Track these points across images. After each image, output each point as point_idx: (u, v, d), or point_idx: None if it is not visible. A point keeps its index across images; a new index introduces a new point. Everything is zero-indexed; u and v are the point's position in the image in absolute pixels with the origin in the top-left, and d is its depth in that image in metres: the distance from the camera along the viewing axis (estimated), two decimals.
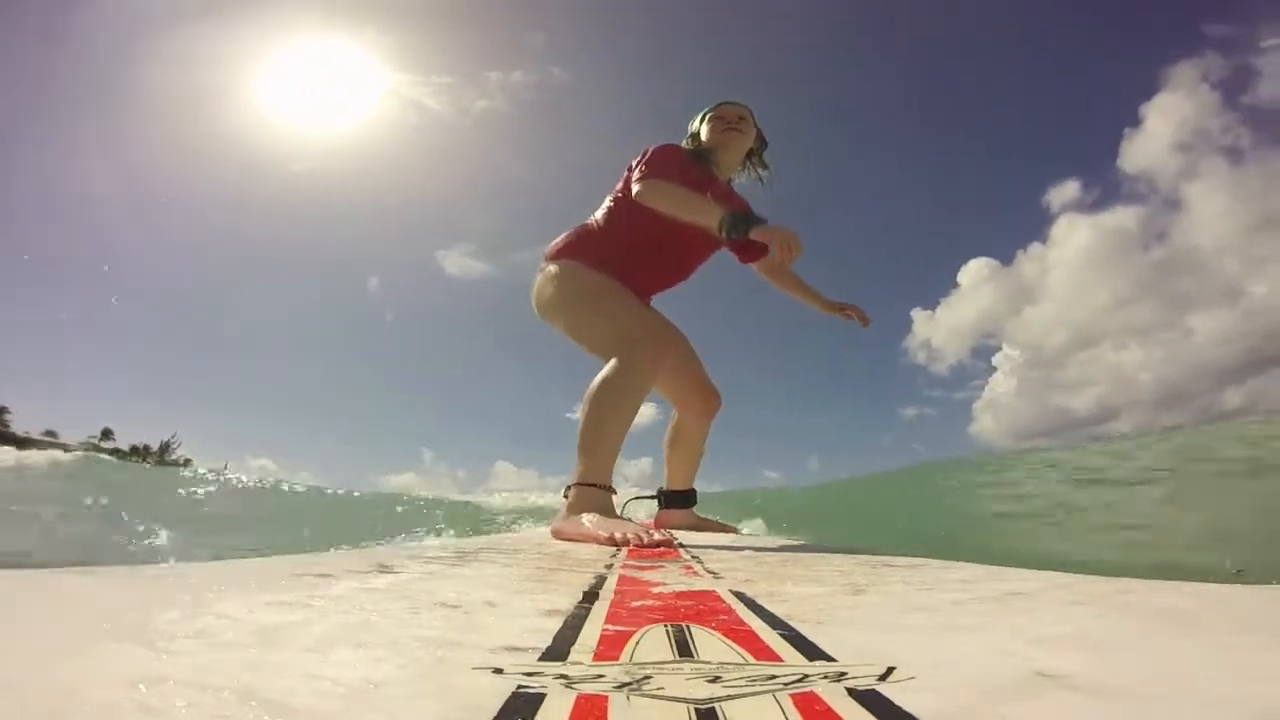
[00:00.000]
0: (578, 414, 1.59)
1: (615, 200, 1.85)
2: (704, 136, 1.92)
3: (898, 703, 0.27)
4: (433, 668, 0.34)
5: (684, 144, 1.95)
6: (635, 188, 1.72)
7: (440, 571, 0.74)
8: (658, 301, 2.01)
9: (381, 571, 0.70)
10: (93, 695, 0.28)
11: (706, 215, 1.59)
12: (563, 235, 1.89)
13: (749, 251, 2.06)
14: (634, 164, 1.81)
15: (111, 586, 0.61)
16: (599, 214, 1.88)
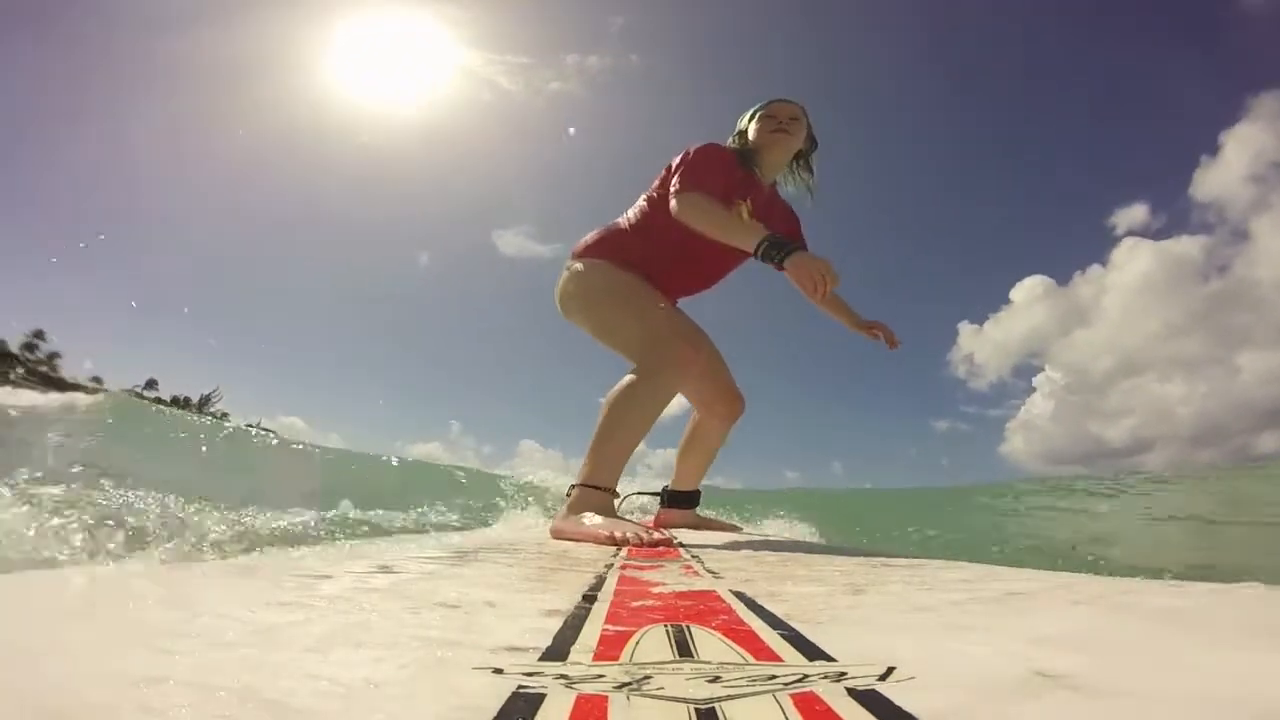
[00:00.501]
0: (600, 410, 1.57)
1: (649, 200, 1.79)
2: (751, 135, 1.82)
3: (898, 703, 0.27)
4: (433, 668, 0.34)
5: (730, 141, 1.86)
6: (672, 202, 1.64)
7: (440, 571, 0.74)
8: (684, 301, 1.95)
9: (381, 571, 0.70)
10: (93, 695, 0.28)
11: (743, 238, 1.53)
12: (592, 233, 1.84)
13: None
14: (674, 165, 1.73)
15: (111, 586, 0.61)
16: (631, 212, 1.83)
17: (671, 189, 1.67)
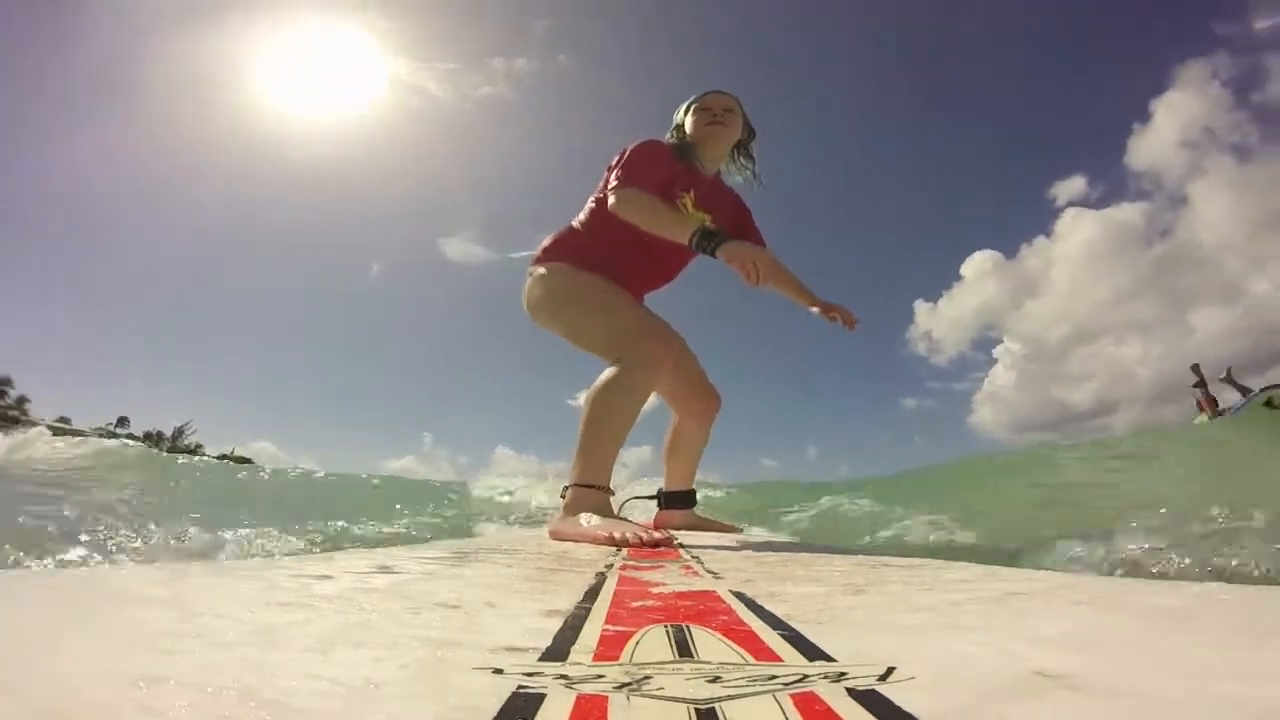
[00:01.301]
0: (581, 410, 1.59)
1: (597, 201, 1.82)
2: (688, 129, 1.86)
3: (898, 703, 0.27)
4: (433, 668, 0.33)
5: (669, 136, 1.90)
6: (610, 199, 1.68)
7: (440, 571, 0.74)
8: (650, 300, 1.99)
9: (381, 571, 0.70)
10: (93, 695, 0.28)
11: (677, 230, 1.57)
12: (548, 237, 1.87)
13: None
14: (613, 164, 1.77)
15: (112, 586, 0.61)
16: (582, 215, 1.85)
17: (610, 185, 1.70)
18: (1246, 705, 0.28)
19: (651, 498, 2.09)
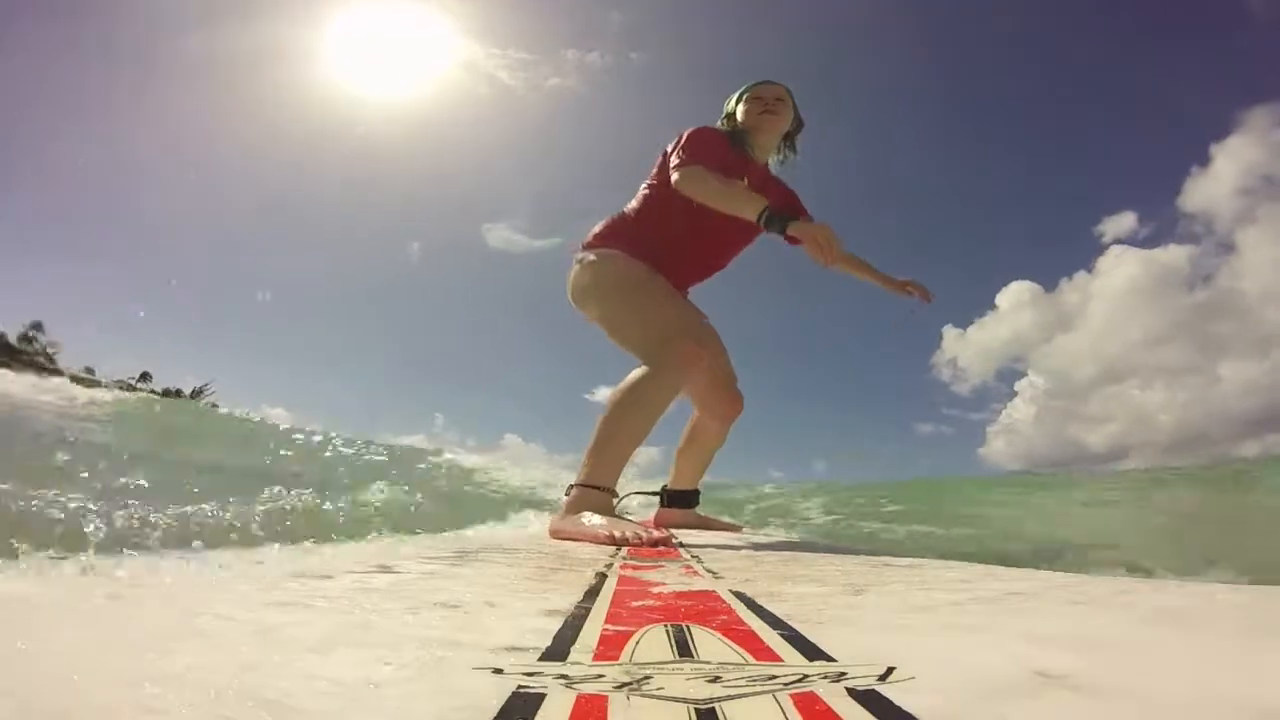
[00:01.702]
0: (603, 401, 1.57)
1: (650, 188, 1.80)
2: (740, 117, 1.84)
3: (898, 703, 0.27)
4: (433, 668, 0.34)
5: (720, 124, 1.88)
6: (674, 175, 1.66)
7: (440, 571, 0.74)
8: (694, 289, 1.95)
9: (382, 571, 0.70)
10: (93, 695, 0.28)
11: (746, 207, 1.56)
12: (600, 224, 1.85)
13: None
14: (670, 149, 1.75)
15: (111, 586, 0.61)
16: (634, 202, 1.83)
17: (672, 164, 1.69)
18: (1247, 705, 0.28)
19: (654, 494, 2.08)
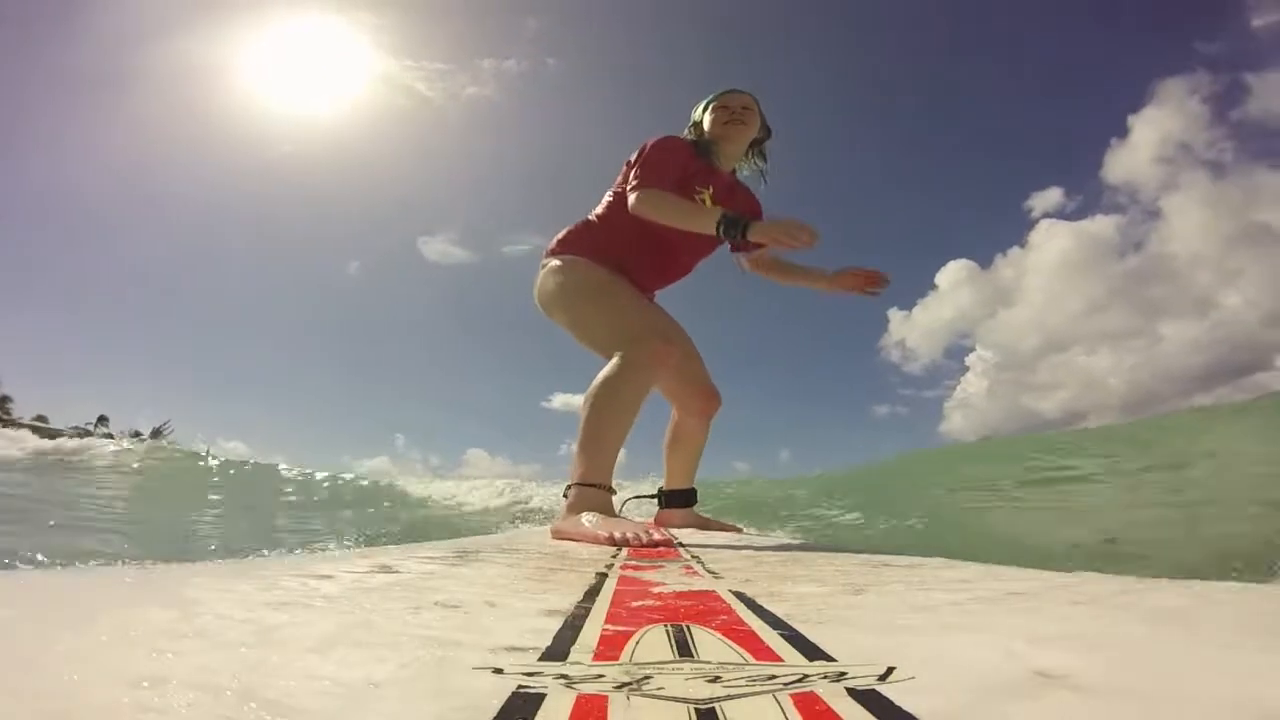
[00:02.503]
0: (561, 407, 1.60)
1: (615, 195, 1.83)
2: (706, 127, 1.87)
3: (898, 703, 0.27)
4: (433, 668, 0.34)
5: (685, 133, 1.91)
6: (630, 199, 1.70)
7: (440, 571, 0.74)
8: (661, 296, 1.99)
9: (381, 571, 0.70)
10: (93, 695, 0.28)
11: (701, 222, 1.59)
12: (565, 230, 1.88)
13: (746, 243, 2.03)
14: (633, 159, 1.79)
15: (110, 586, 0.61)
16: (599, 209, 1.86)
17: (629, 186, 1.71)
18: (1247, 705, 0.28)
19: (652, 497, 2.09)
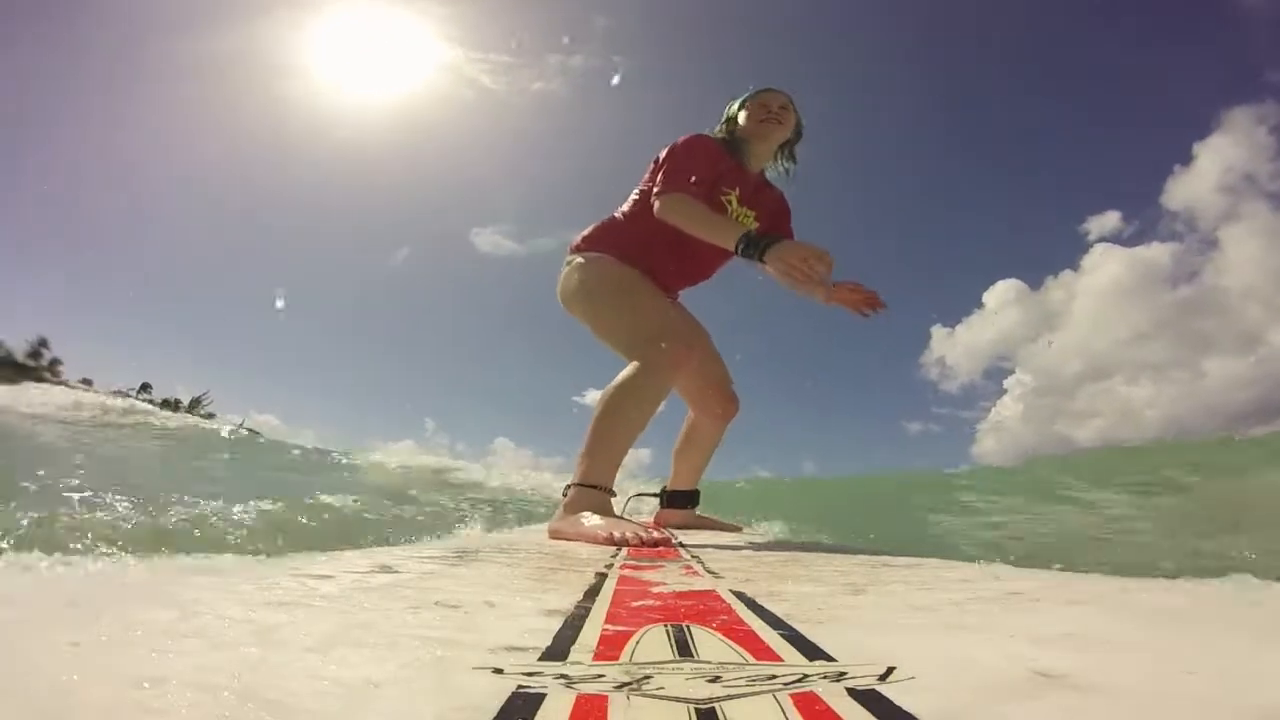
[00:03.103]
0: (592, 404, 1.58)
1: (641, 194, 1.80)
2: (741, 123, 1.82)
3: (898, 703, 0.27)
4: (433, 668, 0.34)
5: (717, 129, 1.87)
6: (655, 204, 1.66)
7: (440, 571, 0.74)
8: (686, 293, 1.95)
9: (381, 571, 0.70)
10: (93, 695, 0.28)
11: (725, 237, 1.55)
12: (590, 227, 1.85)
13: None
14: (660, 157, 1.75)
15: (110, 586, 0.61)
16: (625, 206, 1.83)
17: (655, 189, 1.68)
18: (1247, 705, 0.28)
19: (655, 495, 2.09)
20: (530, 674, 0.32)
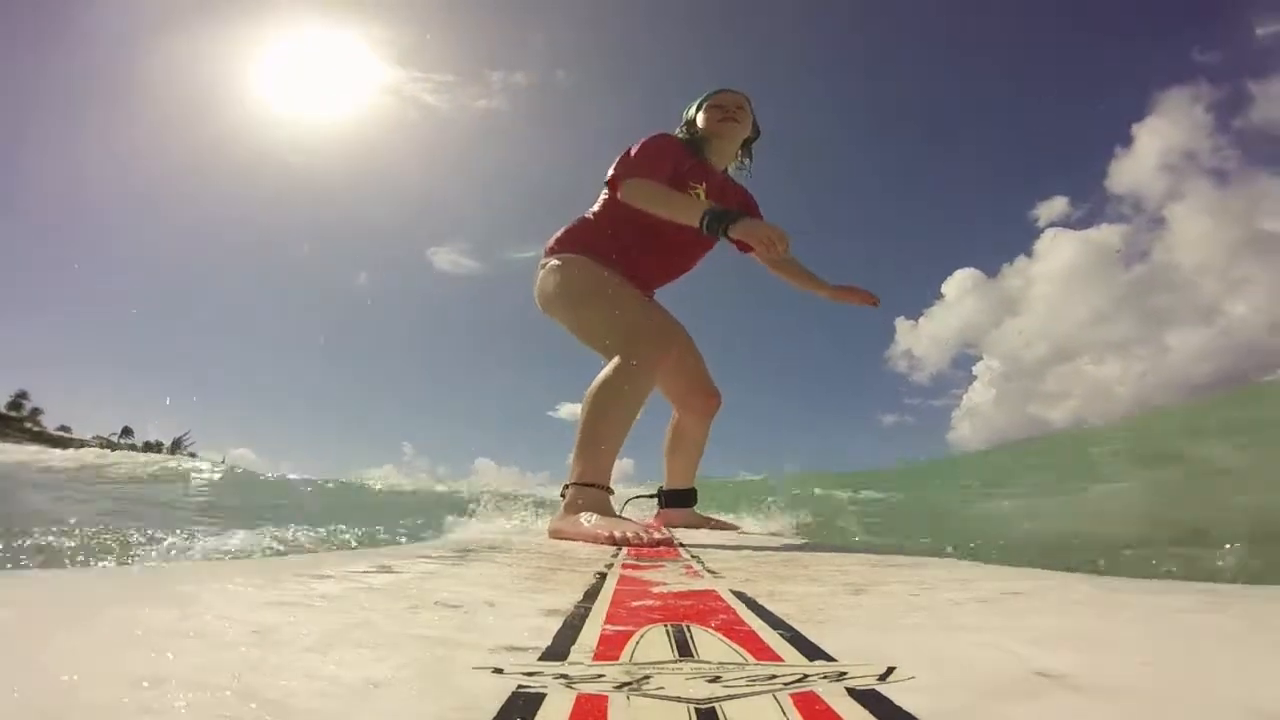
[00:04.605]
0: (567, 417, 1.59)
1: (609, 189, 1.82)
2: (700, 124, 1.88)
3: (898, 703, 0.27)
4: (433, 668, 0.34)
5: (678, 131, 1.91)
6: (620, 187, 1.70)
7: (440, 571, 0.74)
8: (661, 294, 1.99)
9: (381, 571, 0.70)
10: (93, 695, 0.28)
11: (687, 213, 1.57)
12: (562, 228, 1.87)
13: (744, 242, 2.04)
14: (625, 155, 1.78)
15: (111, 586, 0.61)
16: (596, 206, 1.86)
17: (620, 174, 1.72)
18: (1247, 706, 0.28)
19: (652, 496, 2.09)
20: (530, 674, 0.32)
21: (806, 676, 0.31)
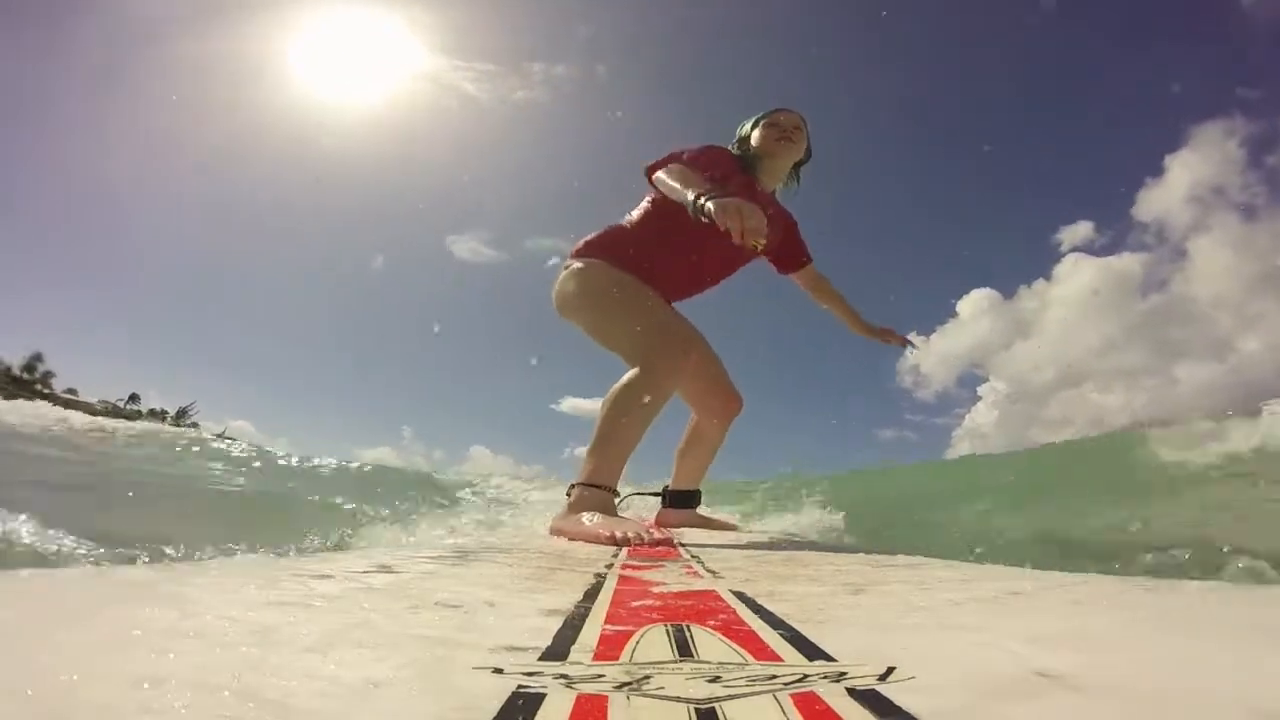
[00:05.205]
0: (569, 411, 1.59)
1: (651, 202, 1.80)
2: (755, 142, 1.85)
3: (898, 703, 0.27)
4: (433, 668, 0.33)
5: (731, 146, 1.89)
6: (655, 175, 1.66)
7: (440, 571, 0.74)
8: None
9: (381, 571, 0.70)
10: (93, 695, 0.28)
11: (690, 190, 1.50)
12: (592, 233, 1.85)
13: (786, 262, 2.05)
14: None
15: (110, 586, 0.61)
16: (633, 214, 1.84)
17: (656, 165, 1.69)
18: (1247, 705, 0.28)
19: (656, 494, 2.09)
20: (530, 674, 0.32)
21: (806, 676, 0.31)
